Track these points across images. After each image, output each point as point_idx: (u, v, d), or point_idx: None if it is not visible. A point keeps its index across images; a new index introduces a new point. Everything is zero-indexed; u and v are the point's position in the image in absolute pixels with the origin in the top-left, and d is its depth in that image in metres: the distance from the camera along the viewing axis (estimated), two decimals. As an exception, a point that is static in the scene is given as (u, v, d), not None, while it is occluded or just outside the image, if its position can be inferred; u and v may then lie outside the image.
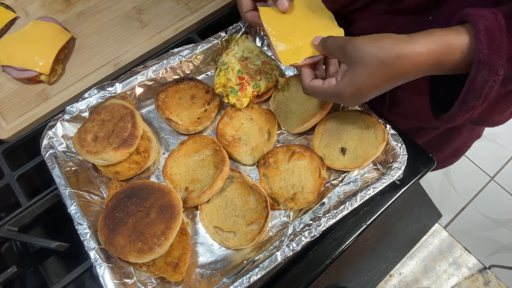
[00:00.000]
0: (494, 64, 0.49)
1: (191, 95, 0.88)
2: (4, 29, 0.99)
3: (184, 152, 0.81)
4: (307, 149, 0.79)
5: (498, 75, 0.50)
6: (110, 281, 0.64)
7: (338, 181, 0.77)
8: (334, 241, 0.73)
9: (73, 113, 0.81)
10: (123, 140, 0.73)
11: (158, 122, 0.88)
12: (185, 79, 0.89)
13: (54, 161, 0.75)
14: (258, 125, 0.84)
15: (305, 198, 0.74)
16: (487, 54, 0.49)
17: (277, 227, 0.74)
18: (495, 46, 0.49)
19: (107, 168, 0.76)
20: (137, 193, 0.68)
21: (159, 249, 0.63)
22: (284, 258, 0.65)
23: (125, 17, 1.01)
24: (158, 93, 0.86)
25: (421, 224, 0.91)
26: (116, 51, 0.96)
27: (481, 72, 0.50)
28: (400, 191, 0.76)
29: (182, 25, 0.99)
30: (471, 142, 1.05)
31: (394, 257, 0.88)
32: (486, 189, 2.01)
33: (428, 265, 0.92)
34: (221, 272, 0.70)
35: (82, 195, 0.74)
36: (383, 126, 0.76)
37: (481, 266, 0.92)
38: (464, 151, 1.08)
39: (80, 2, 1.05)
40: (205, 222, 0.74)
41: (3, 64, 0.89)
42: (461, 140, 0.99)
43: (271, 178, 0.78)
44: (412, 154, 0.75)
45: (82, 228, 0.68)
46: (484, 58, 0.49)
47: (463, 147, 1.05)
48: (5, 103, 0.90)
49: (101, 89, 0.83)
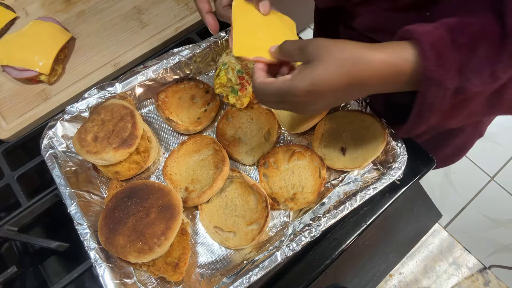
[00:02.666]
0: (442, 79, 0.50)
1: (191, 95, 0.88)
2: (4, 29, 0.99)
3: (184, 152, 0.81)
4: (307, 149, 0.79)
5: (447, 89, 0.51)
6: (110, 281, 0.64)
7: (338, 181, 0.77)
8: (334, 241, 0.73)
9: (73, 113, 0.81)
10: (123, 140, 0.73)
11: (158, 122, 0.88)
12: (185, 79, 0.89)
13: (54, 161, 0.75)
14: (258, 125, 0.84)
15: (305, 198, 0.74)
16: (434, 70, 0.49)
17: (277, 227, 0.74)
18: (442, 62, 0.49)
19: (107, 168, 0.76)
20: (137, 193, 0.68)
21: (159, 249, 0.63)
22: (284, 258, 0.65)
23: (125, 17, 1.01)
24: (158, 93, 0.86)
25: (421, 224, 0.91)
26: (116, 51, 0.96)
27: (430, 88, 0.51)
28: (400, 191, 0.76)
29: (182, 25, 0.99)
30: (474, 141, 1.05)
31: (394, 257, 0.88)
32: (486, 189, 2.00)
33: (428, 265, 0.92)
34: (221, 272, 0.70)
35: (82, 195, 0.74)
36: (383, 126, 0.76)
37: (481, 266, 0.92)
38: (466, 150, 1.07)
39: (80, 2, 1.05)
40: (205, 222, 0.74)
41: (3, 64, 0.89)
42: (463, 138, 0.99)
43: (271, 178, 0.78)
44: (412, 154, 0.75)
45: (82, 228, 0.68)
46: (431, 74, 0.49)
47: (466, 145, 1.05)
48: (5, 103, 0.90)
49: (101, 89, 0.83)
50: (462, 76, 0.50)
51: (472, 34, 0.48)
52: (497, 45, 0.47)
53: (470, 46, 0.48)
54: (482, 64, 0.48)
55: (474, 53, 0.48)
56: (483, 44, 0.48)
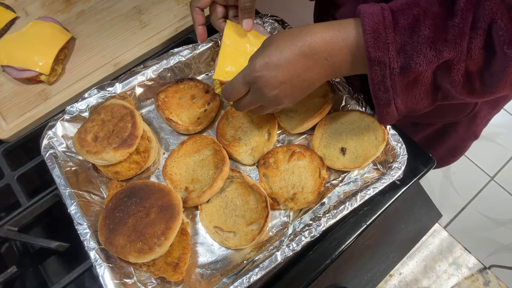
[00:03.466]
0: (382, 59, 0.53)
1: (191, 95, 0.88)
2: (4, 29, 0.99)
3: (184, 152, 0.81)
4: (307, 149, 0.79)
5: (392, 68, 0.54)
6: (110, 281, 0.64)
7: (338, 181, 0.77)
8: (334, 241, 0.73)
9: (73, 113, 0.81)
10: (123, 140, 0.73)
11: (158, 122, 0.88)
12: (185, 79, 0.89)
13: (54, 161, 0.75)
14: (258, 125, 0.84)
15: (305, 198, 0.74)
16: (373, 52, 0.53)
17: (277, 227, 0.74)
18: (380, 44, 0.52)
19: (107, 168, 0.76)
20: (137, 193, 0.68)
21: (159, 249, 0.63)
22: (284, 258, 0.65)
23: (125, 17, 1.01)
24: (158, 93, 0.86)
25: (421, 224, 0.91)
26: (116, 51, 0.96)
27: (374, 68, 0.54)
28: (400, 191, 0.76)
29: (182, 25, 0.99)
30: (468, 142, 1.05)
31: (394, 257, 0.88)
32: (486, 189, 2.00)
33: (428, 265, 0.92)
34: (221, 272, 0.70)
35: (82, 195, 0.74)
36: (383, 126, 0.76)
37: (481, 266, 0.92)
38: (462, 151, 1.08)
39: (80, 2, 1.05)
40: (205, 222, 0.74)
41: (3, 64, 0.89)
42: (456, 138, 0.99)
43: (271, 178, 0.78)
44: (412, 154, 0.75)
45: (82, 228, 0.68)
46: (371, 55, 0.53)
47: (460, 146, 1.05)
48: (5, 103, 0.90)
49: (101, 89, 0.83)
50: (405, 55, 0.52)
51: (415, 15, 0.51)
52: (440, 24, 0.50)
53: (412, 26, 0.51)
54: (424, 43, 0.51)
55: (417, 33, 0.51)
56: (426, 24, 0.51)
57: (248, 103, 0.64)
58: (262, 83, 0.58)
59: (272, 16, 0.91)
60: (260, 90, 0.60)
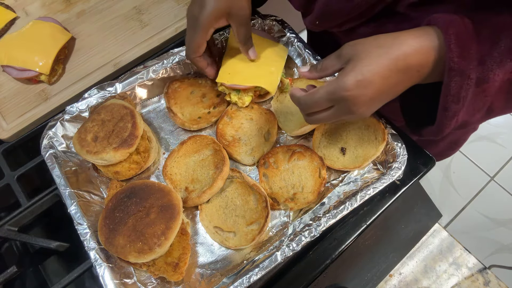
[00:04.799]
0: (465, 69, 0.51)
1: (203, 93, 0.88)
2: (4, 29, 0.99)
3: (184, 152, 0.81)
4: (307, 149, 0.79)
5: (470, 79, 0.52)
6: (110, 281, 0.64)
7: (338, 181, 0.77)
8: (334, 241, 0.73)
9: (73, 113, 0.81)
10: (123, 140, 0.73)
11: (158, 122, 0.88)
12: (205, 76, 0.87)
13: (54, 161, 0.75)
14: (258, 125, 0.84)
15: (305, 198, 0.74)
16: (457, 62, 0.51)
17: (277, 227, 0.74)
18: (465, 53, 0.50)
19: (107, 168, 0.76)
20: (137, 193, 0.68)
21: (159, 249, 0.63)
22: (284, 258, 0.65)
23: (125, 17, 1.01)
24: (172, 81, 0.86)
25: (421, 224, 0.91)
26: (116, 51, 0.96)
27: (454, 78, 0.52)
28: (400, 191, 0.76)
29: (182, 25, 0.99)
30: (468, 134, 1.05)
31: (394, 257, 0.88)
32: (486, 189, 2.00)
33: (428, 265, 0.92)
34: (221, 272, 0.70)
35: (82, 195, 0.74)
36: (383, 126, 0.76)
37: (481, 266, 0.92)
38: (461, 144, 1.07)
39: (80, 2, 1.04)
40: (205, 222, 0.74)
41: (3, 64, 0.89)
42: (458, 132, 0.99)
43: (271, 178, 0.78)
44: (412, 154, 0.75)
45: (82, 228, 0.68)
46: (455, 65, 0.51)
47: (460, 139, 1.05)
48: (5, 103, 0.90)
49: (101, 89, 0.83)
50: (485, 67, 0.51)
51: (495, 26, 0.50)
52: None
53: (493, 37, 0.50)
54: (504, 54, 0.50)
55: (498, 44, 0.50)
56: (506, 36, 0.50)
57: (327, 118, 0.60)
58: (351, 102, 0.55)
59: (272, 16, 0.91)
60: (348, 109, 0.56)
